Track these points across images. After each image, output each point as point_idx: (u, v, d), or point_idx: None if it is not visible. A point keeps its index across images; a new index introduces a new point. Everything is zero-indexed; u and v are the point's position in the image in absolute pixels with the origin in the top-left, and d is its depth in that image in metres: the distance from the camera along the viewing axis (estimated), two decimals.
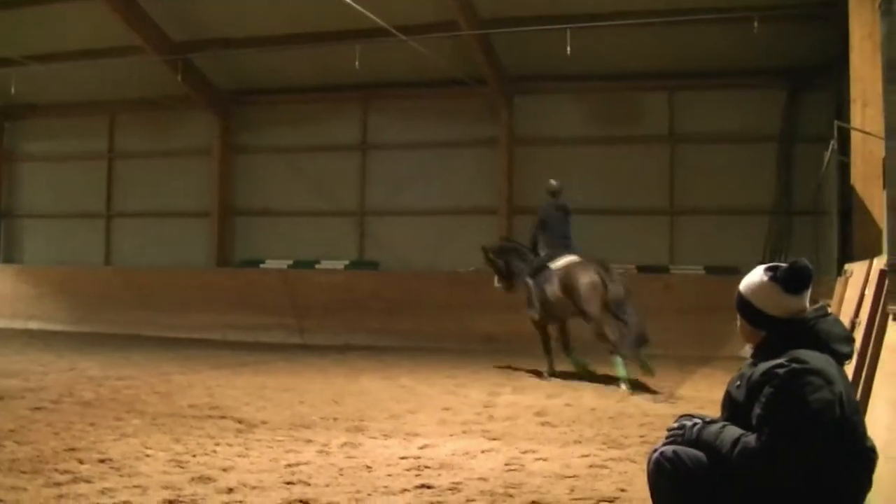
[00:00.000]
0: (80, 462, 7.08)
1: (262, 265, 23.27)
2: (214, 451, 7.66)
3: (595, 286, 13.27)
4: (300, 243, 23.23)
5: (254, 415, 9.78)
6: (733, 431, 4.15)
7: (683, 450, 4.25)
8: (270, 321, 21.23)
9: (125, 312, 22.38)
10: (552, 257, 14.32)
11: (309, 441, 8.25)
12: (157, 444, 7.87)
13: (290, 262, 23.01)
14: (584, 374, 14.15)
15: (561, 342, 14.89)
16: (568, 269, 13.80)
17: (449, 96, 22.36)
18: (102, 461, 7.12)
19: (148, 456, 7.39)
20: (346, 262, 22.40)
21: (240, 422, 9.26)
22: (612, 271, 13.62)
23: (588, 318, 13.37)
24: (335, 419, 9.62)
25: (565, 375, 14.12)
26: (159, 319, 22.15)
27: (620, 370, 12.84)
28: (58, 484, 6.34)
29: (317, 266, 22.63)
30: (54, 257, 25.87)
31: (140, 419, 9.28)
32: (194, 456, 7.44)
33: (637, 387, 12.62)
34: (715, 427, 4.24)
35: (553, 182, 15.02)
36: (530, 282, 14.69)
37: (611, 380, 13.12)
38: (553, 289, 13.99)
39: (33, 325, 23.50)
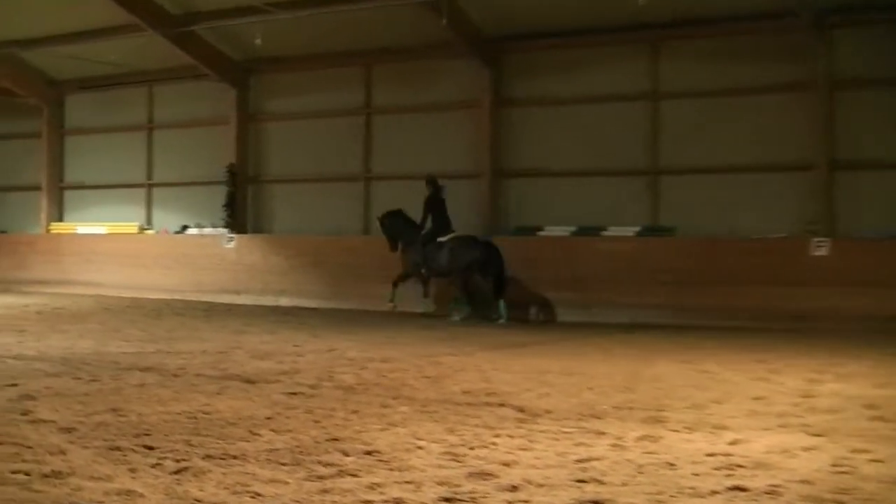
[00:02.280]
0: (345, 454, 7.19)
1: (539, 233, 23.10)
2: (493, 444, 7.68)
3: (477, 258, 21.05)
4: (583, 208, 22.79)
5: (536, 402, 9.79)
6: None
7: None
8: (548, 295, 21.34)
9: (385, 287, 22.73)
10: (440, 233, 21.74)
11: (601, 433, 8.17)
12: (429, 435, 7.95)
13: (573, 228, 22.69)
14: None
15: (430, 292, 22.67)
16: (458, 242, 21.44)
17: (750, 32, 21.52)
18: (369, 453, 7.22)
19: (419, 448, 7.47)
20: (638, 229, 21.95)
21: (521, 410, 9.28)
22: (490, 245, 21.37)
23: (466, 276, 21.44)
24: (629, 408, 9.53)
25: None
26: (422, 295, 22.50)
27: (501, 310, 20.42)
28: (321, 477, 6.44)
29: (603, 233, 22.21)
30: (307, 226, 26.68)
31: (408, 406, 9.43)
32: (471, 448, 7.47)
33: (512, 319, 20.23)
34: None
35: (435, 177, 22.25)
36: (420, 247, 21.83)
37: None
38: (444, 254, 21.32)
39: (284, 300, 24.41)
